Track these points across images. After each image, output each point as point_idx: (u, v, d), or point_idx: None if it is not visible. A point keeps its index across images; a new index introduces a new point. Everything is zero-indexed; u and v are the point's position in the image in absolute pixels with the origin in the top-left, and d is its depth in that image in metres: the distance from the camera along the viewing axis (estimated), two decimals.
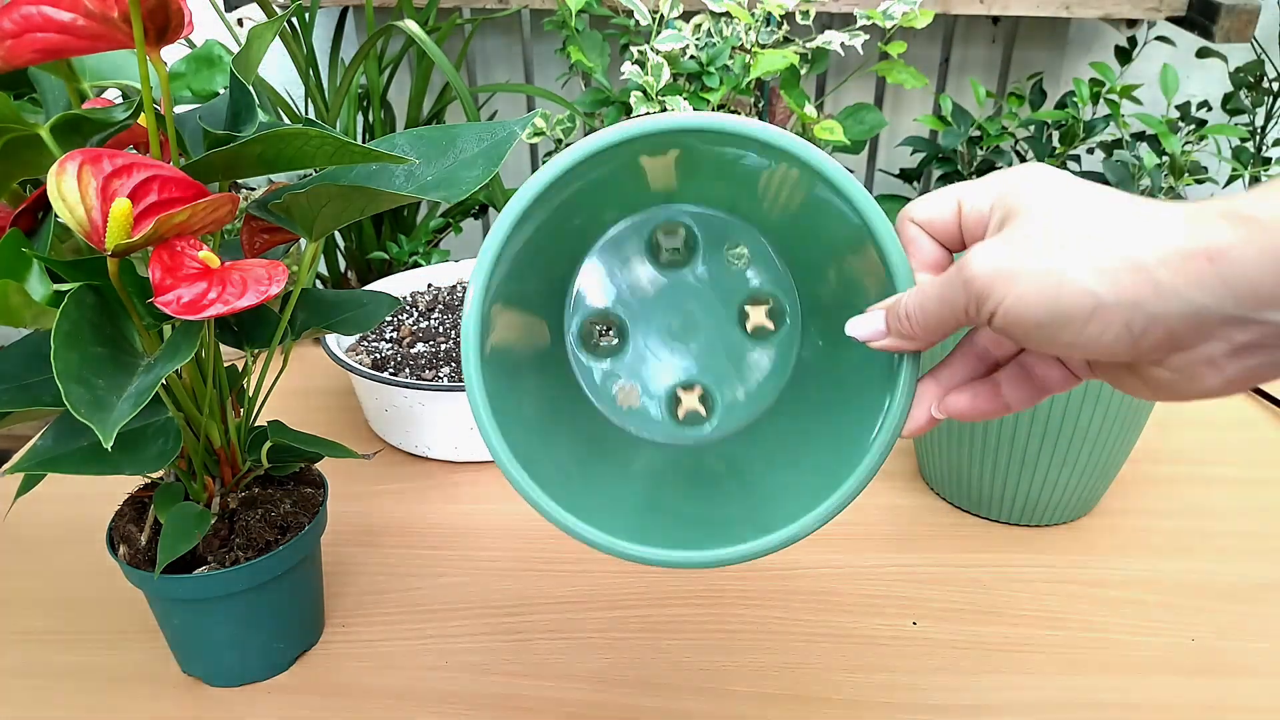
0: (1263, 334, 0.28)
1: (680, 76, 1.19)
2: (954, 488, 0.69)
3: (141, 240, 0.37)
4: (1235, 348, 0.29)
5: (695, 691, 0.54)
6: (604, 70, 1.23)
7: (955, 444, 0.66)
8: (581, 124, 1.24)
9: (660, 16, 1.22)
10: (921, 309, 0.34)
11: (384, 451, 0.77)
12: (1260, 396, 0.84)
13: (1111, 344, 0.30)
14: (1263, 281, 0.27)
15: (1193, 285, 0.28)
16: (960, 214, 0.35)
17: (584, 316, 0.45)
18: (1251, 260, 0.27)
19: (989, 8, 1.39)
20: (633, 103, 1.15)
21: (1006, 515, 0.68)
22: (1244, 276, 0.27)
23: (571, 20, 1.21)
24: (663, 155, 0.39)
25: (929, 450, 0.70)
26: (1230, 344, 0.29)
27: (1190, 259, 0.28)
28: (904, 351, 0.36)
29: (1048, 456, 0.63)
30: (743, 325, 0.44)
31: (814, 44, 1.22)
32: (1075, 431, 0.62)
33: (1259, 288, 0.27)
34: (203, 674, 0.55)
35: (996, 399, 0.37)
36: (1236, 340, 0.29)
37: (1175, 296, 0.28)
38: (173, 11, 0.38)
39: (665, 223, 0.44)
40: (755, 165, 0.38)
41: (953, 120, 1.33)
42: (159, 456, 0.44)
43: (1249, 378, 0.30)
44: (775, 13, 1.18)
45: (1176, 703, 0.54)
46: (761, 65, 1.13)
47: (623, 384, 0.44)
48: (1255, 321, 0.28)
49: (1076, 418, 0.61)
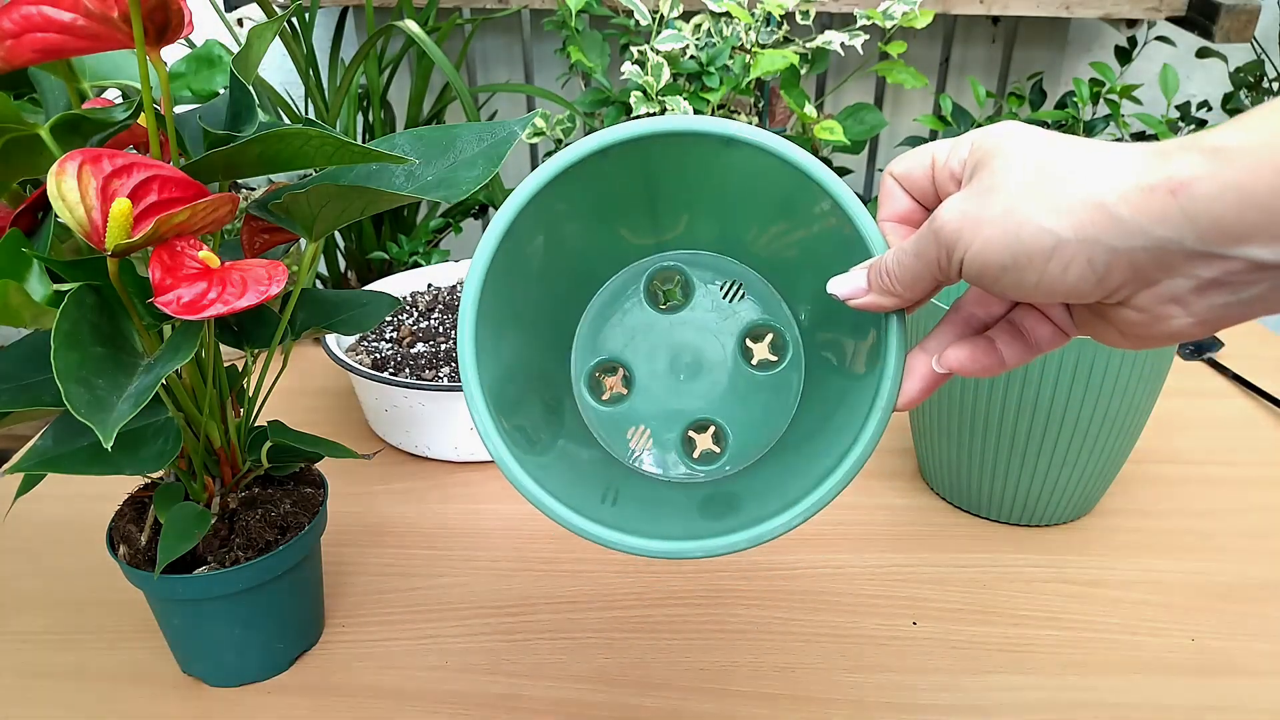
0: (1227, 270, 0.28)
1: (680, 76, 1.19)
2: (954, 488, 0.69)
3: (141, 240, 0.37)
4: (1201, 284, 0.28)
5: (695, 691, 0.55)
6: (604, 70, 1.23)
7: (955, 444, 0.66)
8: (581, 124, 1.24)
9: (660, 16, 1.22)
10: (899, 264, 0.35)
11: (384, 451, 0.77)
12: (1260, 396, 0.84)
13: (1076, 282, 0.30)
14: (1225, 215, 0.26)
15: (1154, 219, 0.27)
16: (934, 169, 0.36)
17: (591, 365, 0.45)
18: (1215, 193, 0.26)
19: (989, 8, 1.39)
20: (633, 103, 1.15)
21: (1006, 515, 0.68)
22: (1207, 211, 0.26)
23: (571, 20, 1.21)
24: (640, 179, 0.40)
25: (929, 450, 0.70)
26: (1195, 280, 0.28)
27: (1151, 193, 0.27)
28: (886, 310, 0.37)
29: (1047, 457, 0.63)
30: (747, 360, 0.45)
31: (814, 44, 1.22)
32: (1075, 432, 0.62)
33: (1222, 221, 0.26)
34: (202, 674, 0.55)
35: (993, 353, 0.36)
36: (1202, 276, 0.28)
37: (1137, 231, 0.28)
38: (173, 11, 0.38)
39: (660, 270, 0.45)
40: (732, 173, 0.40)
41: (953, 120, 1.33)
42: (159, 456, 0.44)
43: (1218, 318, 0.29)
44: (775, 13, 1.18)
45: (1176, 703, 0.54)
46: (761, 65, 1.13)
47: (635, 429, 0.45)
48: (1220, 256, 0.27)
49: (1076, 419, 0.61)
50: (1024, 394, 0.61)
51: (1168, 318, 0.30)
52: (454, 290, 0.89)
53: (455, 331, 0.80)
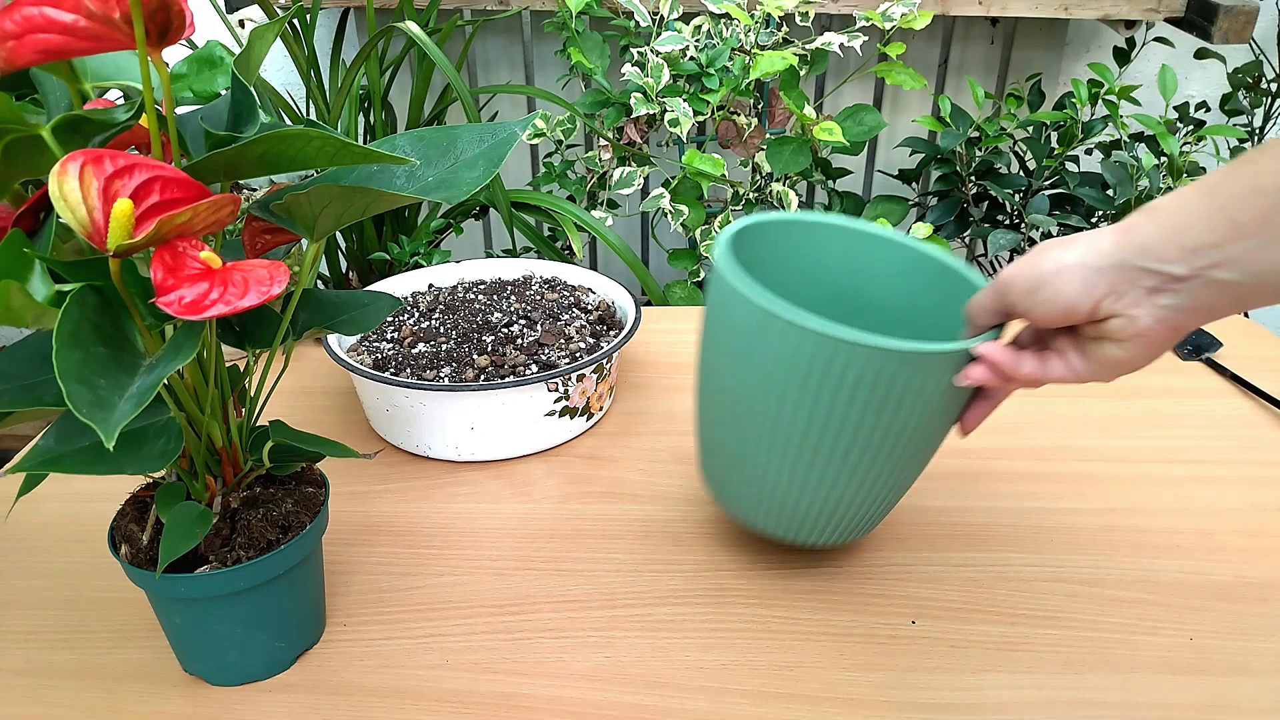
0: (1159, 280, 0.45)
1: (680, 78, 1.19)
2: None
3: (143, 241, 0.38)
4: (1147, 290, 0.45)
5: (695, 690, 0.55)
6: (604, 71, 1.24)
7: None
8: (581, 125, 1.25)
9: (660, 18, 1.22)
10: (976, 300, 0.54)
11: (385, 451, 0.78)
12: (1260, 396, 0.84)
13: (1075, 293, 0.47)
14: (1148, 241, 0.45)
15: (1118, 247, 0.46)
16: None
17: None
18: (1145, 228, 0.45)
19: (988, 9, 1.39)
20: (633, 104, 1.15)
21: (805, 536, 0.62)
22: (1141, 238, 0.45)
23: (572, 22, 1.21)
24: None
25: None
26: (1143, 288, 0.45)
27: (1115, 232, 0.46)
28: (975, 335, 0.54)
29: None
30: None
31: (813, 45, 1.23)
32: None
33: (1148, 245, 0.45)
34: (204, 673, 0.55)
35: (1012, 355, 0.51)
36: (1145, 284, 0.45)
37: (1108, 255, 0.46)
38: (174, 13, 0.38)
39: None
40: None
41: (951, 121, 1.33)
42: (161, 456, 0.44)
43: (1170, 317, 0.45)
44: (775, 14, 1.18)
45: (1175, 702, 0.54)
46: (761, 66, 1.13)
47: None
48: (1151, 270, 0.45)
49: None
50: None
51: (1137, 318, 0.46)
52: (454, 290, 0.89)
53: (457, 331, 0.81)
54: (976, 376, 0.51)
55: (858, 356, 0.49)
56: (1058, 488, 0.72)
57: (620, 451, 0.77)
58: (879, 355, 0.49)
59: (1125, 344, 0.47)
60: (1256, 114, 1.48)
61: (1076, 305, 0.46)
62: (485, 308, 0.85)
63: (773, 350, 0.52)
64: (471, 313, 0.84)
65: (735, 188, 1.28)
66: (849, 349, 0.49)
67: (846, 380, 0.50)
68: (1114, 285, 0.45)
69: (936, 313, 0.61)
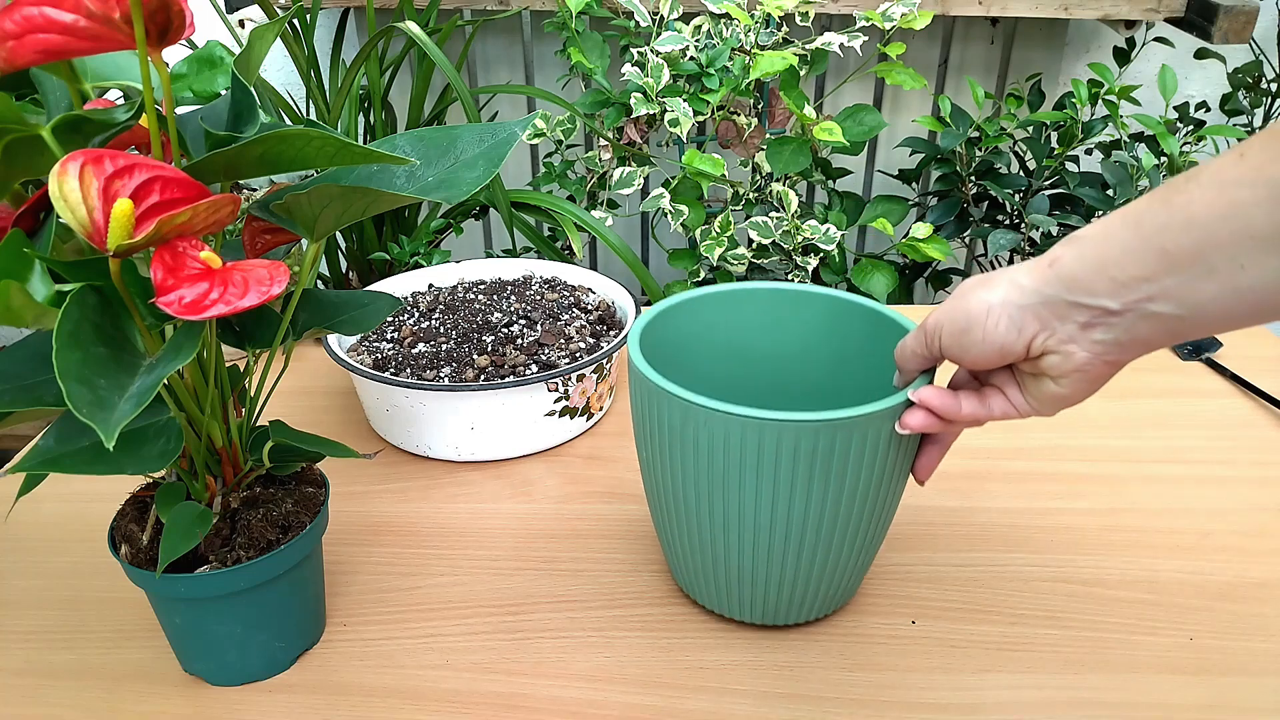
0: (1091, 315, 0.42)
1: (680, 78, 1.19)
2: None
3: (143, 241, 0.38)
4: (1080, 325, 0.43)
5: (695, 690, 0.55)
6: (604, 72, 1.24)
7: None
8: (581, 125, 1.25)
9: (660, 18, 1.22)
10: (905, 344, 0.52)
11: (385, 451, 0.78)
12: (1260, 396, 0.84)
13: (1005, 332, 0.45)
14: (1075, 275, 0.42)
15: (1042, 283, 0.43)
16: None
17: None
18: (1071, 262, 0.42)
19: (988, 9, 1.39)
20: (633, 104, 1.15)
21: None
22: (1068, 272, 0.42)
23: (572, 22, 1.21)
24: None
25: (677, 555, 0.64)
26: (1076, 323, 0.43)
27: (1038, 267, 0.44)
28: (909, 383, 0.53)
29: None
30: None
31: (813, 45, 1.23)
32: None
33: (1076, 279, 0.42)
34: (204, 673, 0.55)
35: (951, 398, 0.50)
36: (1078, 319, 0.43)
37: (1034, 291, 0.44)
38: (174, 13, 0.38)
39: None
40: None
41: (951, 121, 1.33)
42: (161, 456, 0.44)
43: (1105, 352, 0.43)
44: (774, 14, 1.18)
45: (1175, 702, 0.54)
46: (761, 66, 1.13)
47: None
48: (1082, 305, 0.42)
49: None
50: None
51: (1072, 354, 0.44)
52: (454, 290, 0.89)
53: (456, 331, 0.81)
54: (916, 424, 0.50)
55: (788, 434, 0.48)
56: (1058, 488, 0.72)
57: (620, 451, 0.77)
58: (811, 429, 0.48)
59: (1062, 380, 0.45)
60: (1256, 114, 1.48)
61: (1009, 345, 0.45)
62: (485, 308, 0.85)
63: (703, 441, 0.50)
64: (471, 313, 0.84)
65: (735, 188, 1.28)
66: (778, 428, 0.48)
67: (783, 457, 0.49)
68: (1045, 322, 0.43)
69: (872, 358, 0.60)
